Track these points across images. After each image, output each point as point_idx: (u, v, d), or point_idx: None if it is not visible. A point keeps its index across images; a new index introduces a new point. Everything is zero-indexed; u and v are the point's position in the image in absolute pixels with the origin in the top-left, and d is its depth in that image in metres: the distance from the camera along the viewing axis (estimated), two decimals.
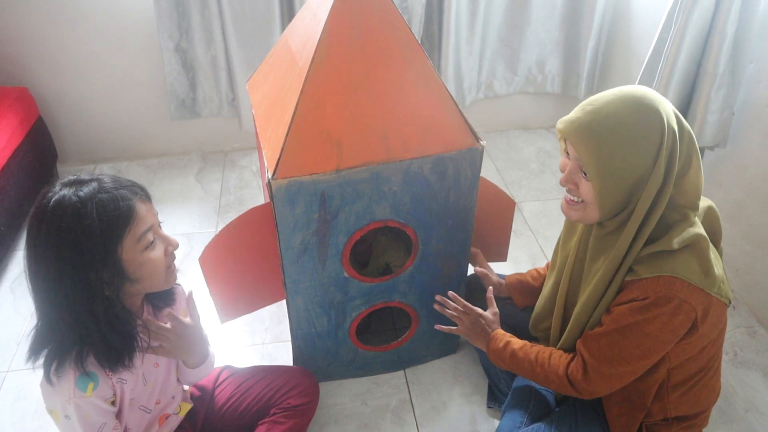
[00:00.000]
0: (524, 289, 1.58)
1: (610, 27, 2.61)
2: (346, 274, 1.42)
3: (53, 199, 1.00)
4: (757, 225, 1.86)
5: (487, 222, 1.59)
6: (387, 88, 1.27)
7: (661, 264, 1.10)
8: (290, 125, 1.22)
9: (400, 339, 1.64)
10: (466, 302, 1.45)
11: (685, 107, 1.96)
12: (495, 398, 1.63)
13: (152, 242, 1.10)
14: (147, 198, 1.12)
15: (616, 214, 1.13)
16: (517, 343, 1.34)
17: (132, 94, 2.54)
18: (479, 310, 1.42)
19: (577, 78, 2.73)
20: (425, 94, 1.29)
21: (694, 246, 1.11)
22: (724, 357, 1.77)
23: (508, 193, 2.47)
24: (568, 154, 1.15)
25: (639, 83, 2.07)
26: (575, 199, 1.17)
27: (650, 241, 1.12)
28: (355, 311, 1.51)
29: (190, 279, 2.05)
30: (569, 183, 1.15)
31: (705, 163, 2.04)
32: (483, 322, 1.41)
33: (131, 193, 1.07)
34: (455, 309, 1.46)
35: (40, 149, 2.38)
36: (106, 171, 2.60)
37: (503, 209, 1.60)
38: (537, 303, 1.49)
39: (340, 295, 1.46)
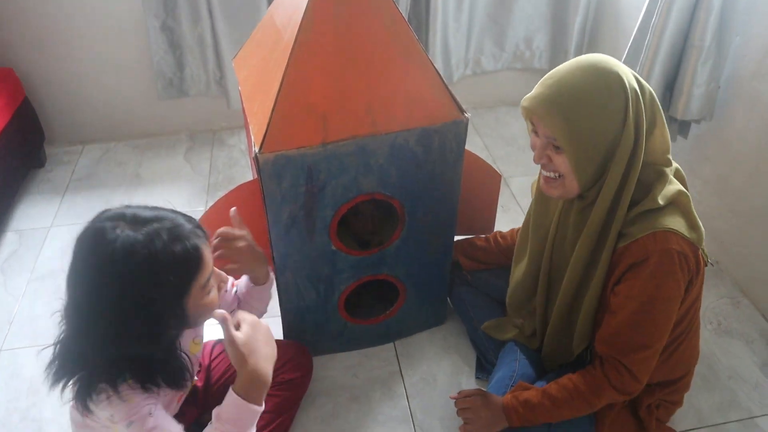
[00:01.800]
0: (469, 250, 1.65)
1: (597, 2, 2.61)
2: (333, 247, 1.43)
3: (120, 242, 0.95)
4: (743, 198, 1.88)
5: (474, 195, 1.60)
6: (372, 61, 1.27)
7: (651, 221, 1.11)
8: (276, 100, 1.22)
9: (388, 312, 1.66)
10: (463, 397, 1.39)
11: (671, 80, 1.97)
12: (483, 369, 1.66)
13: (211, 285, 1.08)
14: (206, 236, 1.08)
15: (595, 182, 1.14)
16: (531, 395, 1.28)
17: (119, 73, 2.53)
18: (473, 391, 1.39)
19: (564, 53, 2.73)
20: (410, 67, 1.30)
21: (677, 202, 1.13)
22: (708, 326, 1.80)
23: (497, 169, 2.49)
24: (536, 132, 1.16)
25: (626, 57, 2.08)
26: (552, 175, 1.18)
27: (634, 203, 1.14)
28: (344, 284, 1.53)
29: None
30: (542, 158, 1.16)
31: (691, 137, 2.06)
32: (480, 399, 1.35)
33: (196, 237, 1.03)
34: (462, 403, 1.38)
35: (26, 130, 2.37)
36: (94, 151, 2.60)
37: (489, 182, 1.62)
38: (512, 288, 1.51)
39: (328, 268, 1.47)
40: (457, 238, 1.62)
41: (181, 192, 2.38)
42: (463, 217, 1.59)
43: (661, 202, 1.11)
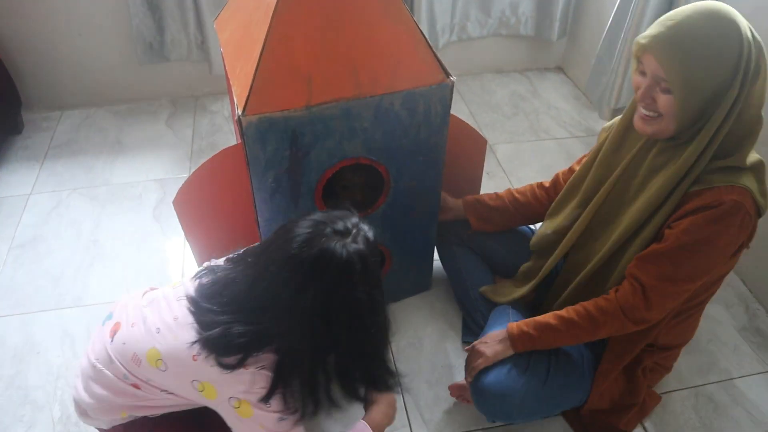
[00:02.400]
0: (481, 211, 1.59)
1: None
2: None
3: (350, 253, 1.03)
4: None
5: (459, 160, 1.60)
6: (356, 23, 1.25)
7: (732, 176, 1.13)
8: (259, 61, 1.20)
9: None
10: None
11: None
12: (471, 331, 1.65)
13: None
14: None
15: (692, 126, 1.14)
16: (538, 317, 1.30)
17: (97, 37, 2.46)
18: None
19: (550, 20, 2.71)
20: (395, 29, 1.28)
21: (757, 168, 1.15)
22: None
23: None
24: (642, 73, 1.15)
25: (611, 23, 2.07)
26: (651, 114, 1.16)
27: (719, 155, 1.14)
28: None
29: (165, 224, 2.05)
30: (647, 98, 1.15)
31: None
32: (484, 341, 1.35)
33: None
34: (469, 363, 1.38)
35: (2, 95, 2.31)
36: (74, 117, 2.55)
37: (474, 147, 1.61)
38: (550, 224, 1.46)
39: None
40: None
41: (164, 159, 2.35)
42: (449, 182, 1.58)
43: (747, 164, 1.14)
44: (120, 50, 2.51)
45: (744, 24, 1.08)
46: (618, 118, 1.33)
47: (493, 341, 1.33)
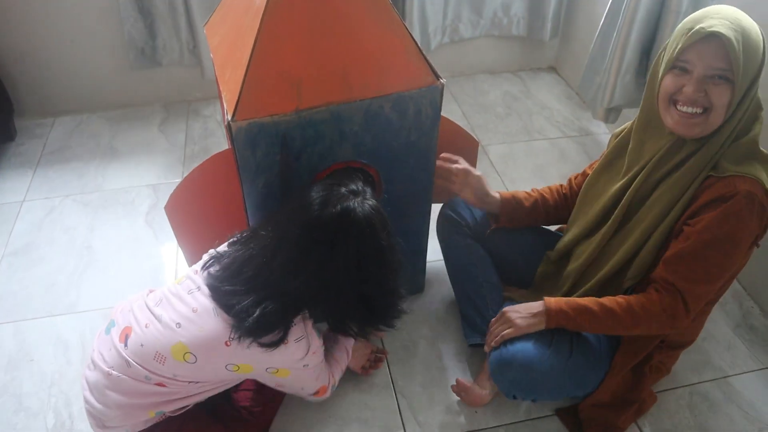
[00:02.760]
0: (516, 207, 1.52)
1: None
2: None
3: (367, 210, 1.13)
4: None
5: None
6: (345, 26, 1.25)
7: (746, 166, 1.15)
8: (248, 66, 1.20)
9: None
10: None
11: (648, 46, 1.97)
12: (476, 330, 1.57)
13: None
14: None
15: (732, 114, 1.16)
16: (578, 299, 1.30)
17: (89, 43, 2.46)
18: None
19: (542, 20, 2.71)
20: (384, 32, 1.28)
21: (764, 157, 1.17)
22: None
23: (475, 137, 2.48)
24: (681, 70, 1.16)
25: (603, 23, 2.08)
26: (696, 111, 1.16)
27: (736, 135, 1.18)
28: None
29: (158, 230, 2.04)
30: (699, 92, 1.14)
31: None
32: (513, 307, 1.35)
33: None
34: (493, 325, 1.38)
35: None
36: (66, 124, 2.55)
37: (466, 149, 1.61)
38: (576, 230, 1.44)
39: None
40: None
41: (157, 164, 2.34)
42: (442, 186, 1.58)
43: (758, 150, 1.17)
44: (112, 56, 2.50)
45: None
46: (629, 123, 1.35)
47: (527, 312, 1.32)
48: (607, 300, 1.27)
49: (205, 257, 1.25)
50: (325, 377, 1.36)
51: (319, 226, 1.11)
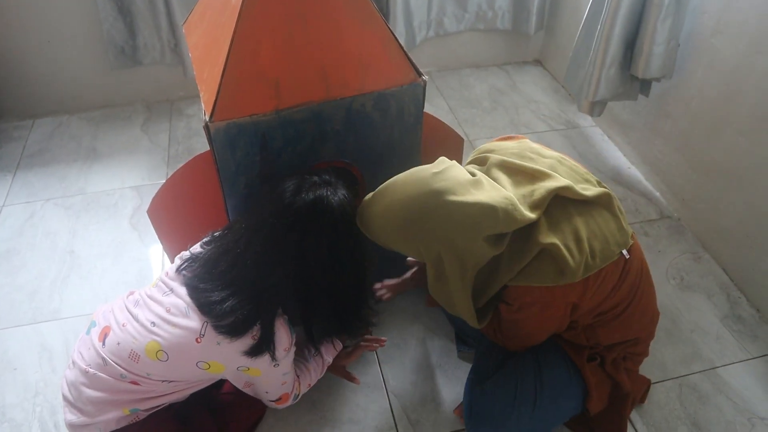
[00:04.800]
0: None
1: None
2: None
3: (339, 202, 1.14)
4: (702, 154, 1.90)
5: (436, 159, 1.57)
6: (324, 24, 1.23)
7: (520, 276, 1.14)
8: (225, 66, 1.17)
9: None
10: None
11: (632, 39, 1.96)
12: (465, 343, 1.65)
13: None
14: None
15: None
16: None
17: (68, 43, 2.42)
18: None
19: (527, 13, 2.70)
20: (364, 30, 1.26)
21: (541, 254, 1.11)
22: (672, 281, 1.83)
23: (461, 131, 2.47)
24: None
25: (587, 16, 2.07)
26: None
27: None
28: None
29: (143, 232, 2.01)
30: None
31: (652, 95, 2.06)
32: None
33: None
34: None
35: None
36: (46, 126, 2.51)
37: (451, 145, 1.59)
38: None
39: None
40: None
41: (140, 165, 2.31)
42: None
43: (507, 275, 1.14)
44: (91, 56, 2.47)
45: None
46: None
47: None
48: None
49: (177, 261, 1.24)
50: (290, 385, 1.33)
51: (291, 213, 1.11)
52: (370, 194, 1.17)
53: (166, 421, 1.27)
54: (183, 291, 1.17)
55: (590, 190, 1.15)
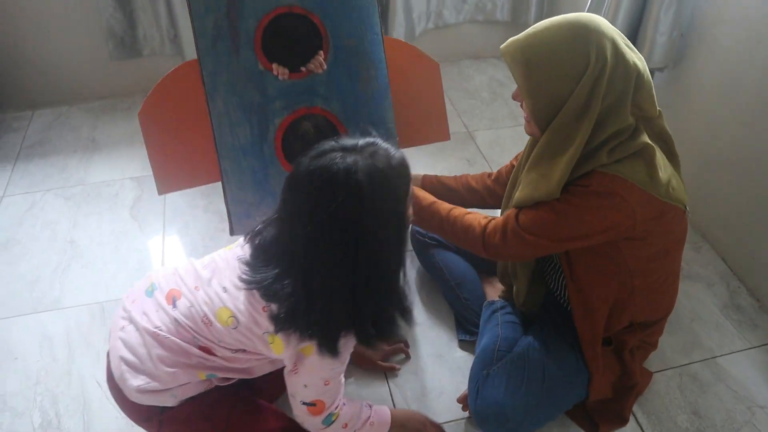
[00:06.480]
0: (440, 189, 1.58)
1: None
2: (261, 67, 1.41)
3: (360, 169, 0.98)
4: (702, 145, 1.90)
5: (415, 90, 1.57)
6: None
7: (614, 165, 1.15)
8: None
9: None
10: None
11: (635, 29, 1.96)
12: (465, 330, 1.64)
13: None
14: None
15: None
16: (435, 200, 1.39)
17: (67, 34, 2.41)
18: None
19: (526, 4, 2.70)
20: None
21: (640, 153, 1.16)
22: None
23: (462, 123, 2.48)
24: None
25: (589, 6, 2.06)
26: (525, 115, 1.22)
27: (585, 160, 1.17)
28: (278, 117, 1.46)
29: (143, 223, 2.01)
30: (517, 98, 1.21)
31: (655, 85, 2.05)
32: None
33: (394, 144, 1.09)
34: None
35: None
36: (46, 117, 2.50)
37: (427, 73, 1.58)
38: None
39: (259, 95, 1.43)
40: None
41: (140, 156, 2.30)
42: (413, 120, 1.55)
43: (605, 159, 1.14)
44: (91, 46, 2.46)
45: (604, 42, 1.09)
46: None
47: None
48: (453, 211, 1.35)
49: (253, 227, 1.20)
50: (332, 393, 1.19)
51: (302, 185, 1.02)
52: None
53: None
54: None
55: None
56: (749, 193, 1.75)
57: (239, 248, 1.19)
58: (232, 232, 1.51)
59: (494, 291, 1.66)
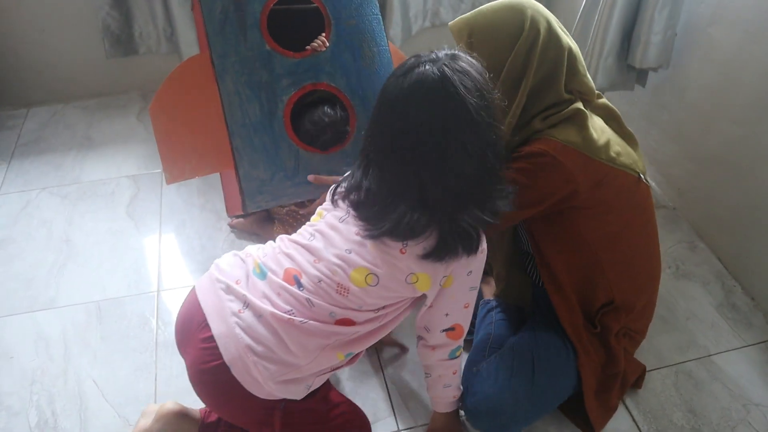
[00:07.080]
0: None
1: None
2: (268, 47, 1.46)
3: (449, 74, 1.02)
4: (698, 144, 1.91)
5: None
6: None
7: (548, 130, 1.23)
8: None
9: (342, 142, 1.58)
10: None
11: (629, 29, 1.97)
12: None
13: None
14: None
15: None
16: None
17: (62, 31, 2.40)
18: None
19: None
20: None
21: (572, 118, 1.23)
22: (667, 270, 1.85)
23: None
24: None
25: (585, 6, 2.07)
26: None
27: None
28: (285, 94, 1.50)
29: (139, 221, 2.01)
30: None
31: (649, 85, 2.07)
32: None
33: None
34: None
35: None
36: (41, 114, 2.50)
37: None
38: None
39: (266, 73, 1.47)
40: None
41: (136, 154, 2.30)
42: None
43: (539, 125, 1.23)
44: (87, 44, 2.44)
45: (539, 18, 1.21)
46: None
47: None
48: None
49: (329, 193, 1.19)
50: (469, 315, 1.22)
51: (399, 99, 1.05)
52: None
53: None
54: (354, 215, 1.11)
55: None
56: (744, 192, 1.75)
57: (329, 214, 1.17)
58: (244, 209, 1.52)
59: (490, 290, 1.66)
